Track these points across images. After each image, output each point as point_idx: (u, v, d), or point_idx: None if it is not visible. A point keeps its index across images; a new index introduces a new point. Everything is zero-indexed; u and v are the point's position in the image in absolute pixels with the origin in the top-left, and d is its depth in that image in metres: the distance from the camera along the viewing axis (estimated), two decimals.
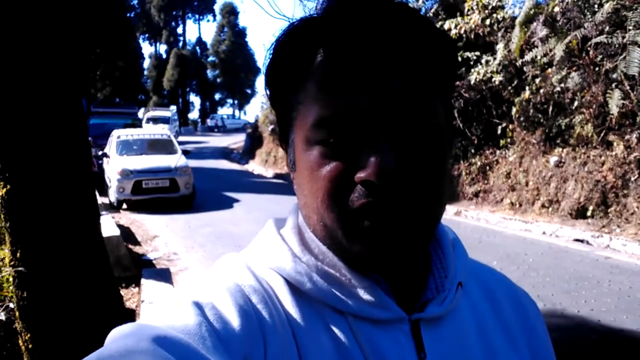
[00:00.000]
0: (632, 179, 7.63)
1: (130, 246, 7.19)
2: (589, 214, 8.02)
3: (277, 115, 0.64)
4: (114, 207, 10.94)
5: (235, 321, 0.51)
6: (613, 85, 7.79)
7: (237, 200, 12.03)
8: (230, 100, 63.58)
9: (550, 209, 8.67)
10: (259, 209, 10.98)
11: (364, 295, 0.57)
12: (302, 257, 0.60)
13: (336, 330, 0.56)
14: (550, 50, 8.49)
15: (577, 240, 7.52)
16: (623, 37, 7.47)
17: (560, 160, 8.86)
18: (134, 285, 5.48)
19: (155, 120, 31.94)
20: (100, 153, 12.51)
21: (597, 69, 8.13)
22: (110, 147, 12.31)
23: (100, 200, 4.28)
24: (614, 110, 7.49)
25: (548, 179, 8.93)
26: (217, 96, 62.48)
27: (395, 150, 0.53)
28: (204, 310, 0.51)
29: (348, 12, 0.56)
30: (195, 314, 0.50)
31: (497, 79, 9.70)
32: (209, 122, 52.82)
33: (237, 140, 32.57)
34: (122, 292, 5.19)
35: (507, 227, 8.68)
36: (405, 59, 0.54)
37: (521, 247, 7.17)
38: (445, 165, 0.57)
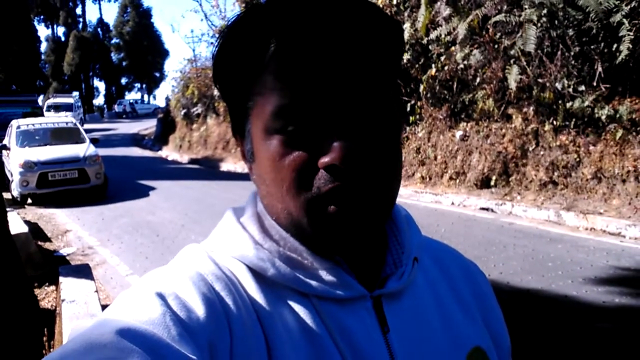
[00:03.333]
0: (530, 149, 8.20)
1: (40, 243, 6.84)
2: (492, 183, 8.55)
3: (229, 107, 0.63)
4: (17, 203, 10.30)
5: (199, 309, 0.51)
6: (511, 61, 8.28)
7: (152, 188, 11.70)
8: (138, 85, 61.15)
9: (457, 180, 9.14)
10: (177, 195, 10.76)
11: (326, 276, 0.59)
12: (263, 244, 0.61)
13: (301, 313, 0.58)
14: (454, 29, 8.86)
15: (483, 208, 8.02)
16: (520, 16, 7.95)
17: (465, 134, 9.33)
18: (47, 283, 5.24)
19: (57, 107, 30.19)
20: None
21: (496, 46, 8.59)
22: (10, 139, 11.51)
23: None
24: (513, 85, 7.98)
25: (454, 153, 9.40)
26: (123, 80, 59.82)
27: (355, 134, 0.54)
28: (167, 300, 0.51)
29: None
30: (158, 304, 0.50)
31: (405, 57, 10.00)
32: (117, 108, 50.55)
33: (147, 126, 31.45)
34: (36, 291, 4.95)
35: (419, 200, 9.07)
36: (358, 45, 0.55)
37: (433, 218, 7.53)
38: (399, 147, 0.60)
